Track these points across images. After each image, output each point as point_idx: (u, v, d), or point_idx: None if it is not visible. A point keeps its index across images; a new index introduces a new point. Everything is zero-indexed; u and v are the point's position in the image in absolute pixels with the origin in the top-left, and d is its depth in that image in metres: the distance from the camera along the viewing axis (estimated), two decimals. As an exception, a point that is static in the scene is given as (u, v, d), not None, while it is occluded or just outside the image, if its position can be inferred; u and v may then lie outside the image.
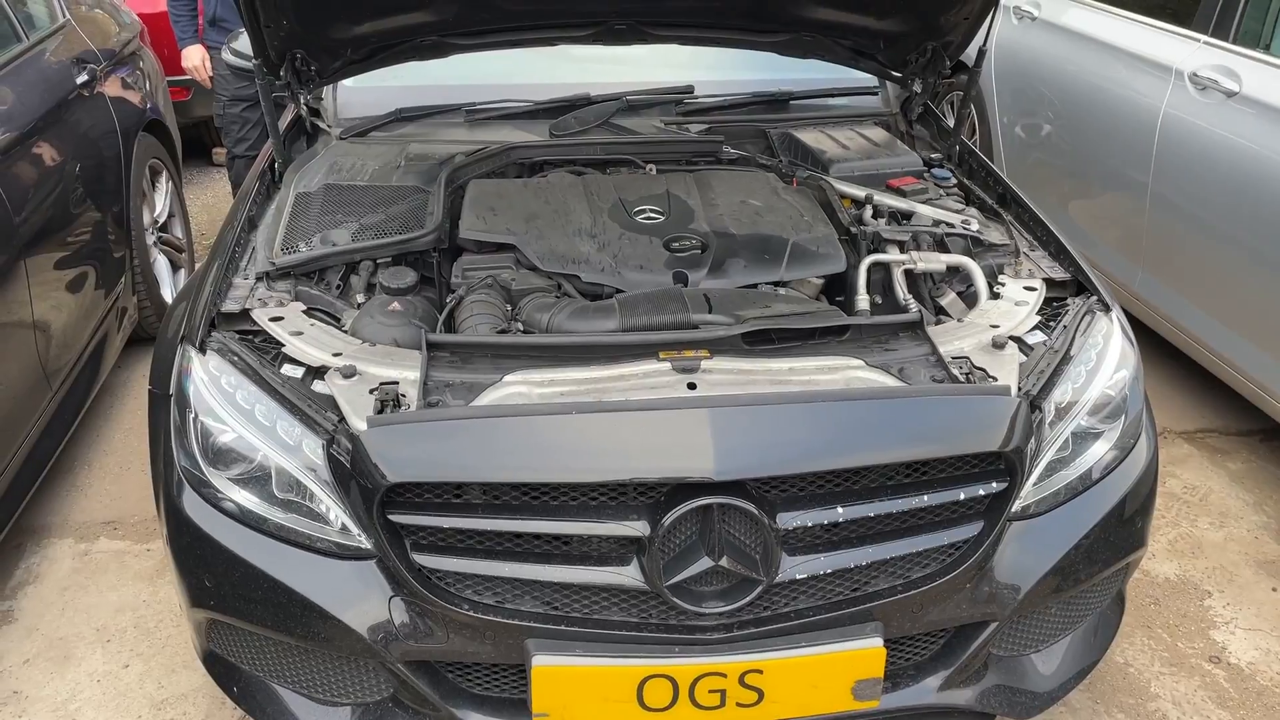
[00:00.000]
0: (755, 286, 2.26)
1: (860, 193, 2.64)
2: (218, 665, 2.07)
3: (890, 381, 1.93)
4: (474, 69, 3.11)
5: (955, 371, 1.97)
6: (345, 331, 2.12)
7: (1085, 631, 2.18)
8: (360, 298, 2.28)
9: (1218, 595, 2.77)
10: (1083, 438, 2.08)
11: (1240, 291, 3.19)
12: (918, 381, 1.95)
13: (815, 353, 2.01)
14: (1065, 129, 4.13)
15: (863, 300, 2.33)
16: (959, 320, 2.19)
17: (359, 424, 1.80)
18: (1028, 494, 1.99)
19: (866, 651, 1.84)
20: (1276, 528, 3.04)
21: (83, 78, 3.52)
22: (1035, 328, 2.18)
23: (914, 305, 2.34)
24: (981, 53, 2.77)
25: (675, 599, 1.78)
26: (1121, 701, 2.44)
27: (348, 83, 3.09)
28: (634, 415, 1.78)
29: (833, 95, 3.13)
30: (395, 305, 2.17)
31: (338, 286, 2.32)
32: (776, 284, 2.28)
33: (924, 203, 2.63)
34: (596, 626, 1.81)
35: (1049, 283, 2.32)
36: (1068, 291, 2.33)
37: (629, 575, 1.79)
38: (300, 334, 2.07)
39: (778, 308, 2.13)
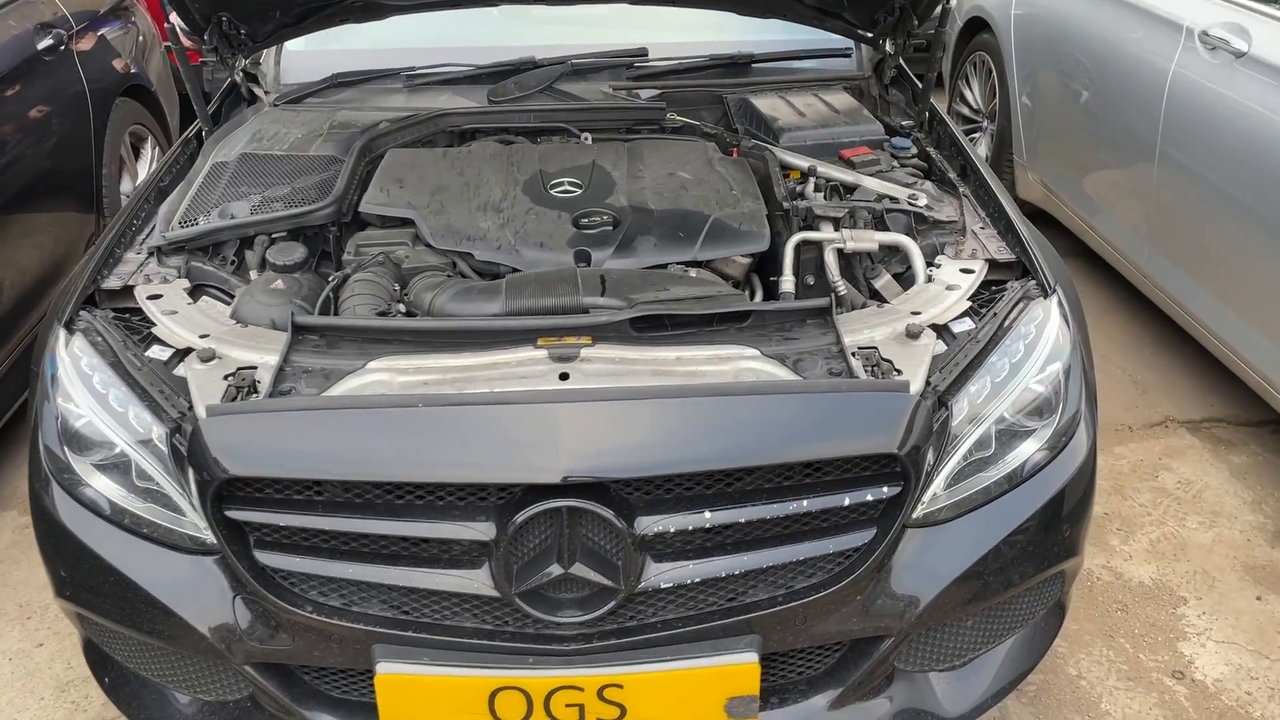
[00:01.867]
0: (665, 267, 2.11)
1: (804, 163, 2.46)
2: (93, 654, 2.00)
3: (783, 374, 1.78)
4: (421, 32, 2.99)
5: (857, 364, 1.80)
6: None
7: (1012, 645, 2.00)
8: (254, 274, 2.18)
9: (1194, 603, 2.56)
10: (1008, 436, 1.89)
11: (1248, 274, 2.93)
12: (812, 374, 1.78)
13: (709, 341, 1.86)
14: (1078, 93, 3.85)
15: (787, 282, 2.16)
16: (879, 306, 2.01)
17: (201, 412, 1.70)
18: (937, 498, 1.82)
19: (740, 667, 1.69)
20: (1273, 529, 2.80)
21: (46, 43, 3.47)
22: (964, 314, 1.99)
23: (842, 287, 2.16)
24: (945, 11, 2.56)
25: (527, 607, 1.65)
26: (1066, 718, 2.26)
27: (291, 47, 3.01)
28: (483, 410, 1.65)
29: (798, 58, 2.93)
30: (278, 283, 2.06)
31: (232, 262, 2.22)
32: (689, 264, 2.12)
33: (873, 175, 2.43)
34: (446, 634, 1.70)
35: (993, 265, 2.13)
36: (1013, 274, 2.13)
37: (480, 581, 1.67)
38: (174, 313, 1.98)
39: (677, 291, 1.97)
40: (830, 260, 2.19)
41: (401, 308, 2.01)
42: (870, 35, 2.79)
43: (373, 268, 2.09)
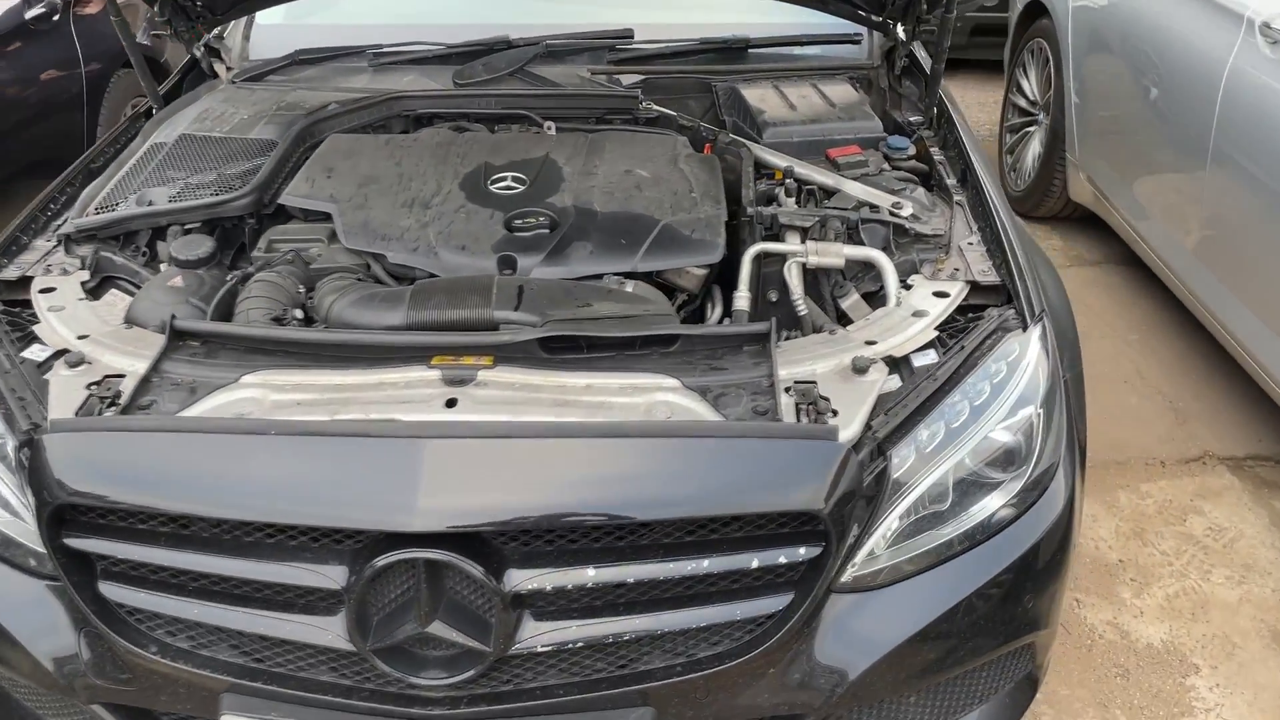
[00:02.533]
0: (600, 277, 1.89)
1: (784, 163, 2.21)
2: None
3: (701, 411, 1.55)
4: (396, 8, 2.82)
5: (788, 402, 1.56)
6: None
7: (971, 726, 1.75)
8: (164, 268, 2.02)
9: (1207, 672, 2.26)
10: (969, 488, 1.64)
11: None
12: (734, 412, 1.55)
13: (627, 367, 1.64)
14: (1128, 85, 3.50)
15: (741, 298, 1.93)
16: (831, 332, 1.77)
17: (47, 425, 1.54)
18: (875, 558, 1.58)
19: (624, 747, 1.49)
20: (1314, 589, 2.49)
21: (35, 11, 3.37)
22: (930, 345, 1.73)
23: (803, 306, 1.93)
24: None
25: (383, 665, 1.46)
26: (1041, 802, 2.01)
27: (263, 20, 2.84)
28: (339, 442, 1.46)
29: (799, 44, 2.66)
30: (176, 280, 1.89)
31: (144, 254, 2.06)
32: (628, 275, 1.90)
33: (858, 178, 2.18)
34: (300, 687, 1.52)
35: (975, 288, 1.86)
36: (998, 299, 1.86)
37: (334, 631, 1.48)
38: (61, 310, 1.83)
39: (602, 308, 1.75)
40: (793, 275, 1.95)
41: (299, 314, 1.82)
42: (879, 20, 2.52)
43: (280, 267, 1.92)
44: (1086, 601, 2.46)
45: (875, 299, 1.95)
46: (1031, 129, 4.57)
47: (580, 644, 1.49)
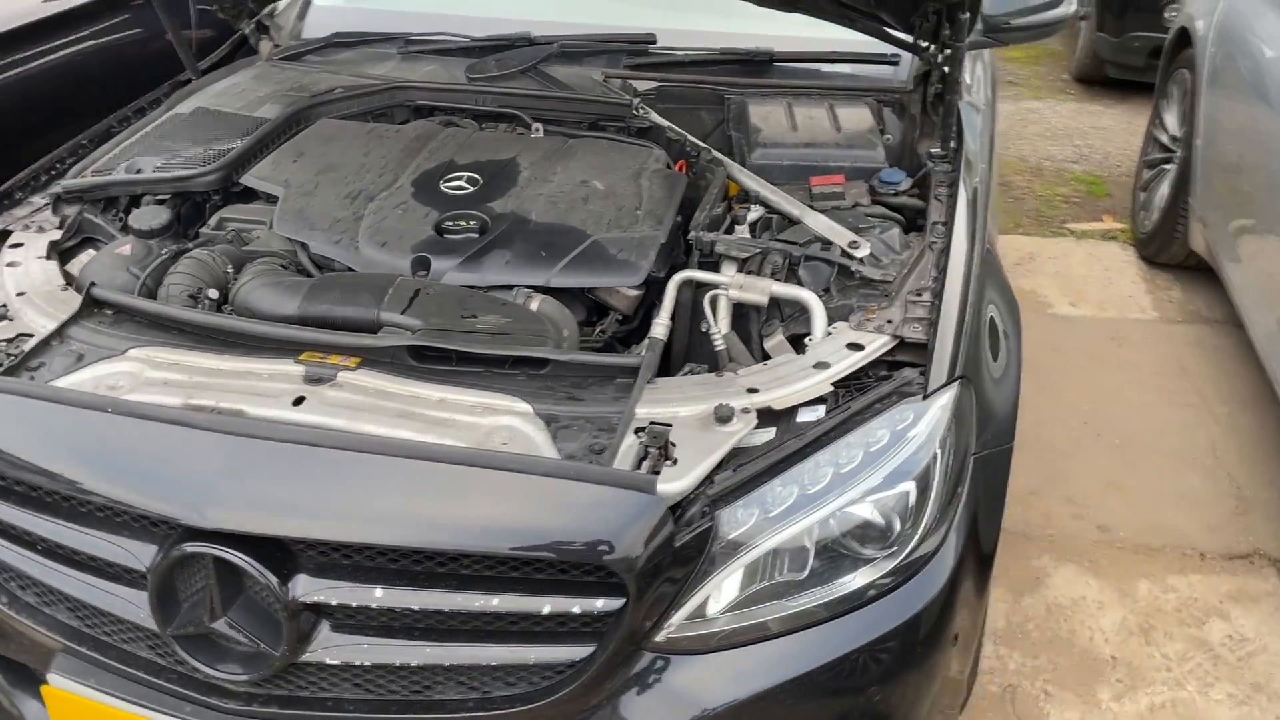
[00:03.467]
0: (510, 289, 1.84)
1: (754, 186, 2.10)
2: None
3: (538, 439, 1.49)
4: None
5: (628, 444, 1.48)
6: None
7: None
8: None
9: (1166, 800, 2.02)
10: (837, 560, 1.52)
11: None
12: (570, 446, 1.49)
13: (487, 385, 1.60)
14: (1244, 128, 3.14)
15: (659, 326, 1.83)
16: (718, 374, 1.66)
17: None
18: (713, 620, 1.48)
19: (405, 773, 1.45)
20: (1335, 726, 2.18)
21: None
22: (822, 400, 1.60)
23: (720, 341, 1.82)
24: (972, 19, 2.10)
25: (183, 651, 1.48)
26: None
27: (321, 1, 2.92)
28: (163, 428, 1.48)
29: (827, 60, 2.51)
30: (125, 249, 1.97)
31: (120, 219, 2.16)
32: (540, 289, 1.84)
33: (829, 210, 2.04)
34: (120, 660, 1.56)
35: (903, 344, 1.70)
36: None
37: (144, 611, 1.51)
38: (17, 266, 1.94)
39: (488, 321, 1.71)
40: (719, 307, 1.85)
41: (214, 294, 1.86)
42: (908, 40, 2.34)
43: (217, 246, 1.97)
44: (1057, 695, 2.24)
45: (797, 343, 1.82)
46: (1167, 167, 4.19)
47: (369, 664, 1.46)
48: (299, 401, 1.55)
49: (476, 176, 2.08)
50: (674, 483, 1.44)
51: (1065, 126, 5.83)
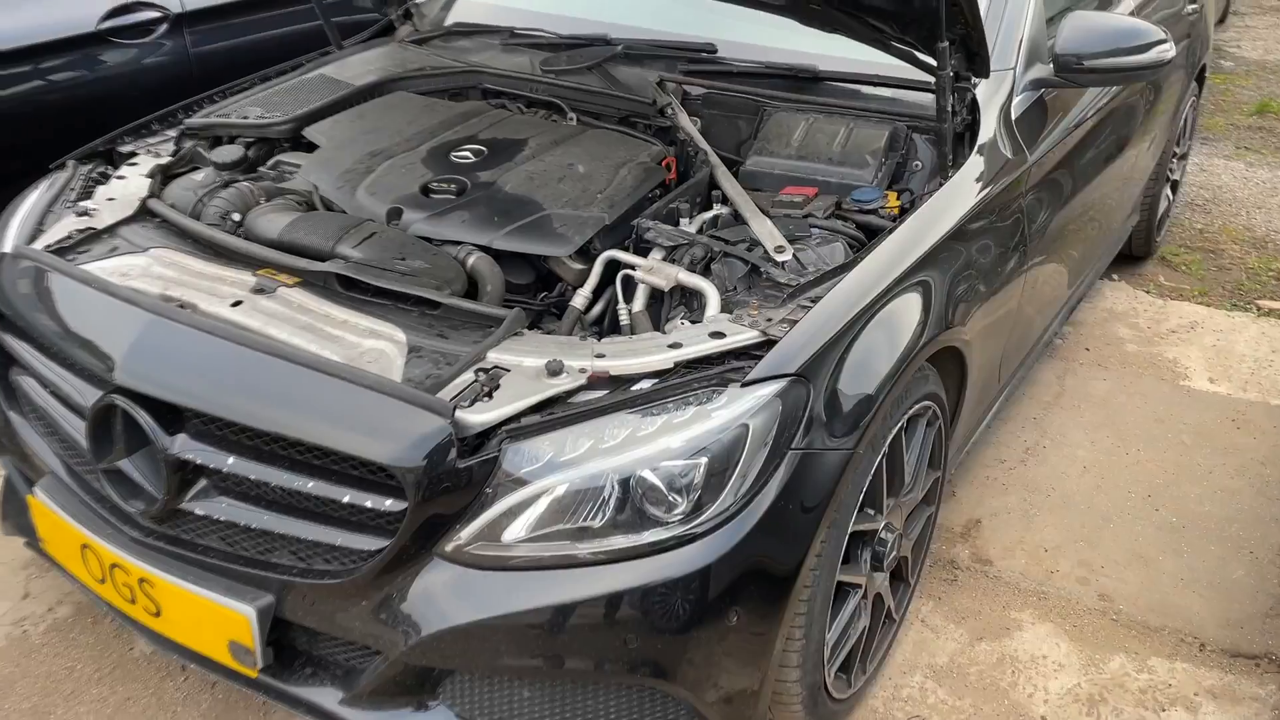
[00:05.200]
0: (458, 244, 2.09)
1: (726, 187, 2.24)
2: None
3: (395, 360, 1.75)
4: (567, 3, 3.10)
5: (464, 377, 1.71)
6: None
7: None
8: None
9: None
10: (632, 516, 1.66)
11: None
12: (416, 370, 1.73)
13: (384, 314, 1.88)
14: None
15: (579, 297, 2.04)
16: (581, 338, 1.84)
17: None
18: (509, 545, 1.66)
19: (233, 614, 1.75)
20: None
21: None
22: (660, 375, 1.74)
23: (625, 316, 1.99)
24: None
25: (105, 481, 1.85)
26: None
27: (465, -5, 3.30)
28: (122, 305, 1.86)
29: (869, 83, 2.56)
30: (197, 175, 2.41)
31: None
32: (481, 247, 2.08)
33: (781, 217, 2.14)
34: (80, 483, 1.96)
35: (769, 342, 1.79)
36: None
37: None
38: (122, 178, 2.42)
39: (412, 264, 1.97)
40: (625, 286, 2.01)
41: (237, 216, 2.24)
42: (934, 66, 2.37)
43: (261, 181, 2.36)
44: (960, 741, 2.20)
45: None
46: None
47: (226, 520, 1.77)
48: (237, 304, 1.89)
49: (483, 149, 2.35)
50: (479, 414, 1.64)
51: (1320, 200, 5.30)
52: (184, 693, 2.23)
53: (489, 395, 1.67)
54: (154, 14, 3.42)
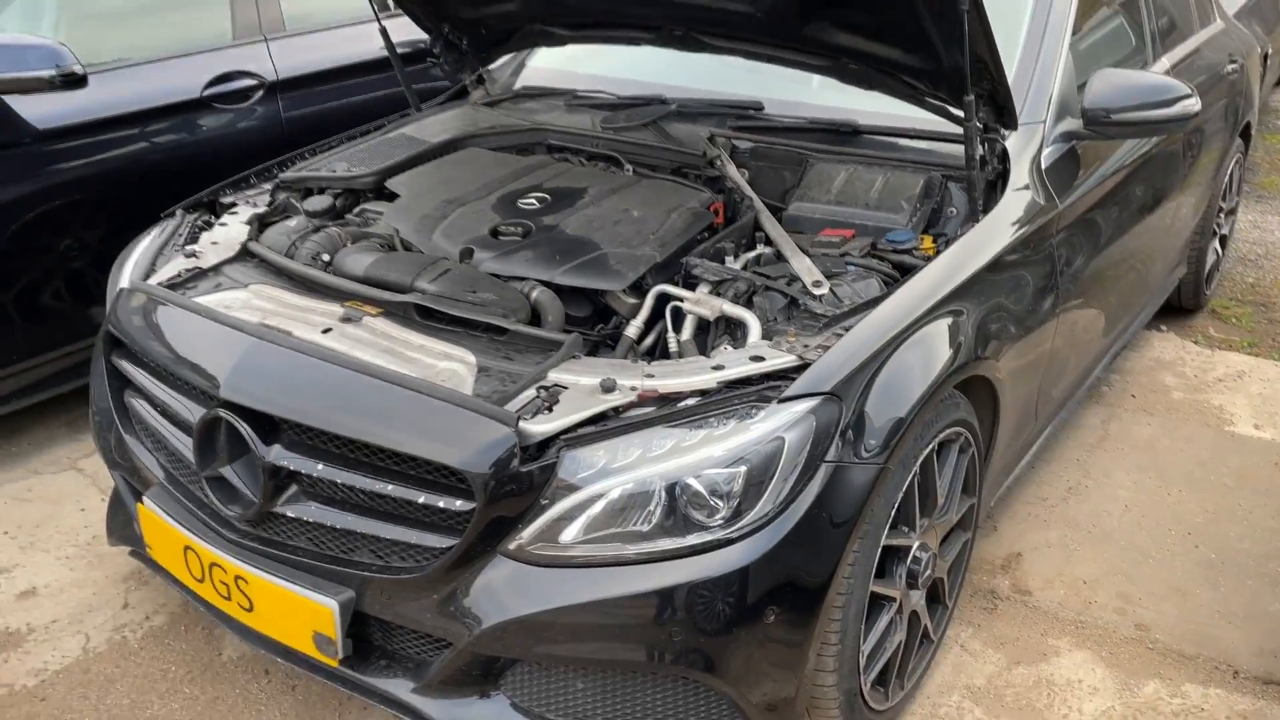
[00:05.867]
0: (523, 279, 2.29)
1: (769, 228, 2.43)
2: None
3: (465, 379, 1.95)
4: (619, 63, 3.35)
5: (527, 394, 1.90)
6: None
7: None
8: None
9: None
10: (677, 520, 1.84)
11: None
12: (483, 386, 1.93)
13: (457, 339, 2.09)
14: None
15: (631, 327, 2.23)
16: (633, 360, 2.03)
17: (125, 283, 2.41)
18: (567, 545, 1.84)
19: (318, 607, 1.95)
20: None
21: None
22: (705, 394, 1.92)
23: (674, 344, 2.17)
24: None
25: (207, 488, 2.07)
26: None
27: (534, 63, 3.56)
28: (229, 331, 2.09)
29: (905, 136, 2.74)
30: (290, 222, 2.66)
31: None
32: (544, 282, 2.28)
33: (820, 256, 2.32)
34: (184, 491, 2.18)
35: (806, 366, 1.96)
36: None
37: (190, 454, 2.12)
38: (224, 225, 2.68)
39: (480, 296, 2.18)
40: (677, 318, 2.20)
41: (327, 257, 2.47)
42: (970, 123, 2.54)
43: (347, 227, 2.60)
44: (995, 753, 2.29)
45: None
46: None
47: (311, 520, 1.97)
48: (327, 330, 2.11)
49: (547, 197, 2.58)
50: (540, 425, 1.83)
51: (1385, 252, 5.32)
52: (267, 694, 2.41)
53: (549, 409, 1.86)
54: (251, 82, 3.74)
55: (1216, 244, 4.57)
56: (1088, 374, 3.28)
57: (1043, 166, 2.68)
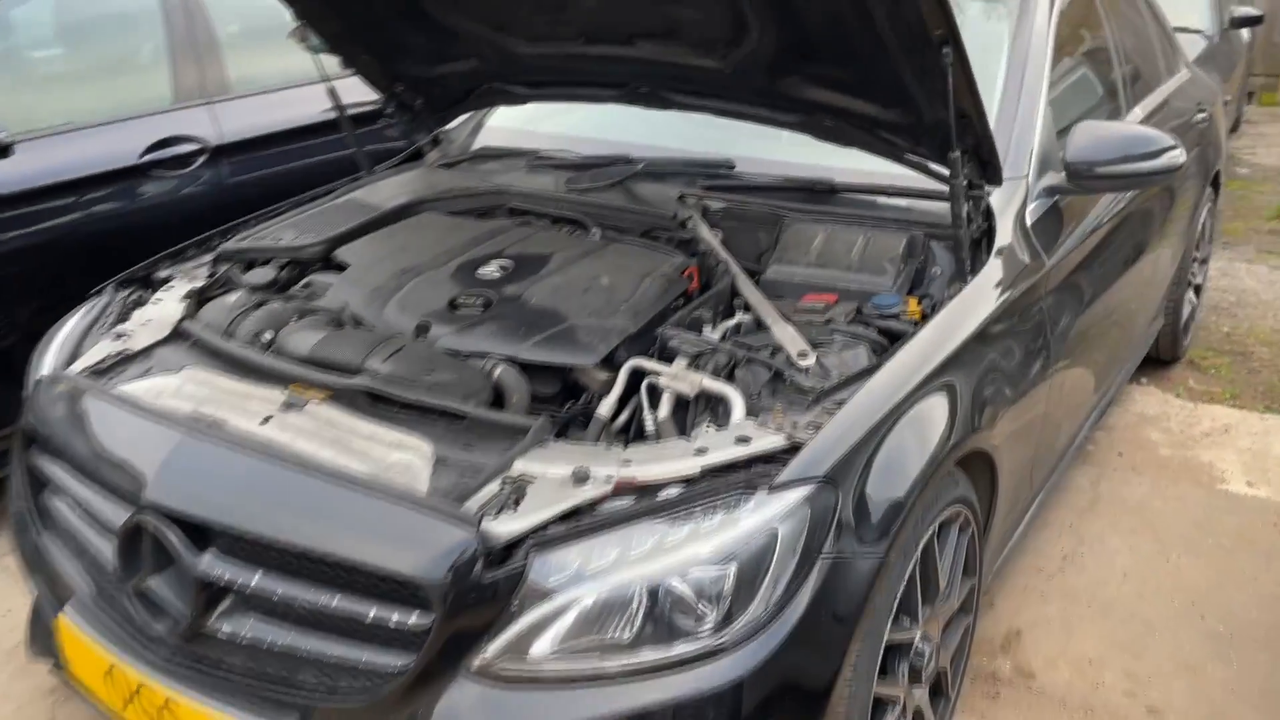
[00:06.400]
0: (483, 356, 2.11)
1: (748, 295, 2.27)
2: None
3: (422, 475, 1.76)
4: (583, 123, 3.20)
5: (490, 488, 1.71)
6: None
7: None
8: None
9: None
10: (659, 627, 1.64)
11: None
12: (442, 482, 1.74)
13: (411, 426, 1.89)
14: None
15: (604, 404, 2.04)
16: (607, 446, 1.84)
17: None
18: (535, 660, 1.63)
19: (260, 738, 1.72)
20: None
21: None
22: (689, 481, 1.73)
23: (651, 424, 1.99)
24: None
25: (134, 600, 1.85)
26: None
27: (493, 123, 3.41)
28: (156, 424, 1.89)
29: (884, 193, 2.60)
30: (229, 298, 2.46)
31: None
32: (509, 359, 2.09)
33: (804, 324, 2.16)
34: (108, 604, 1.96)
35: (796, 447, 1.79)
36: None
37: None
38: (159, 301, 2.48)
39: (436, 377, 1.99)
40: (663, 397, 2.01)
41: (270, 334, 2.27)
42: (947, 175, 2.41)
43: (292, 300, 2.41)
44: None
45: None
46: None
47: (248, 637, 1.76)
48: (267, 420, 1.91)
49: (509, 264, 2.40)
50: (505, 525, 1.64)
51: (1359, 298, 5.27)
52: (205, 822, 2.16)
53: (515, 504, 1.67)
54: (193, 146, 3.56)
55: (1192, 294, 4.50)
56: (1078, 434, 3.14)
57: (1028, 223, 2.55)
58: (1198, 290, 4.65)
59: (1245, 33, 7.78)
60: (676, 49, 2.47)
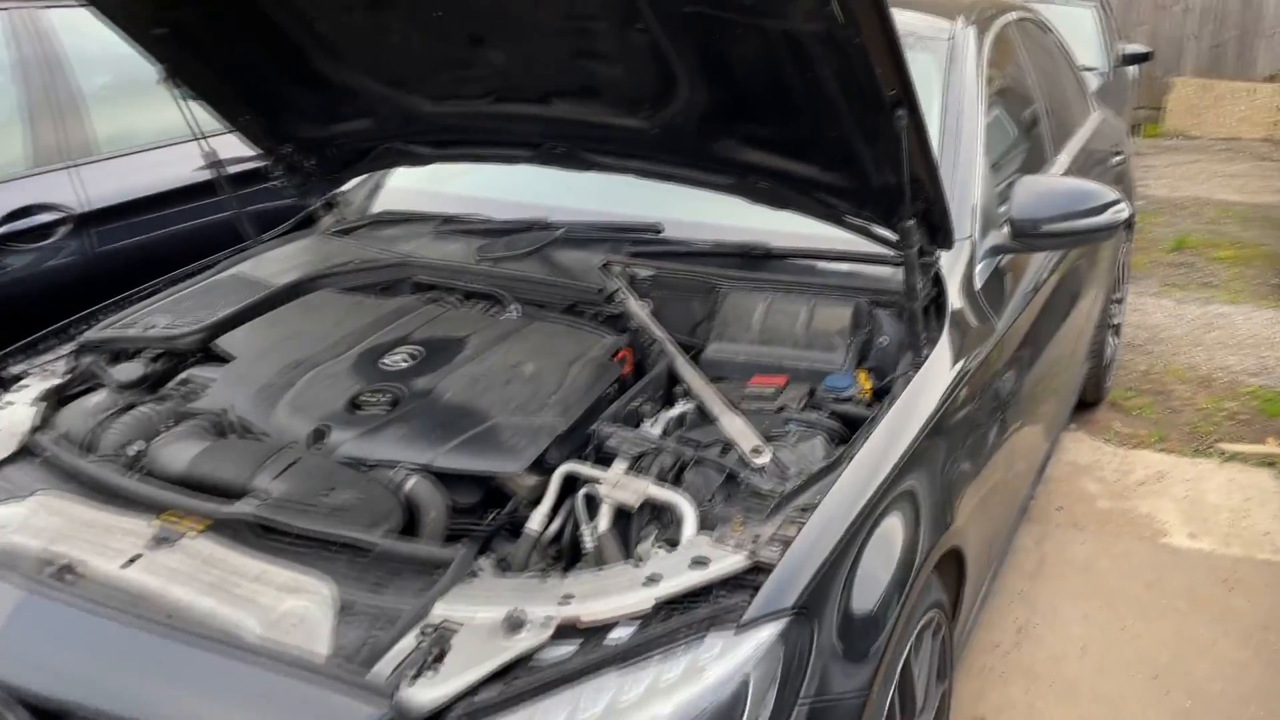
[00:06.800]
0: (392, 465, 1.83)
1: (690, 380, 2.04)
2: None
3: (323, 628, 1.47)
4: (494, 183, 2.95)
5: (411, 642, 1.43)
6: None
7: None
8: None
9: None
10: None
11: None
12: (352, 636, 1.46)
13: (309, 562, 1.60)
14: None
15: (535, 517, 1.78)
16: (543, 579, 1.58)
17: None
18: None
19: None
20: None
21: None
22: (641, 618, 1.48)
23: (589, 540, 1.74)
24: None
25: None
26: None
27: (392, 183, 3.12)
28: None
29: (824, 258, 2.41)
30: (92, 400, 2.14)
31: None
32: (424, 468, 1.83)
33: (754, 411, 1.94)
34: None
35: (759, 567, 1.56)
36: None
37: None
38: (9, 405, 2.13)
39: (336, 498, 1.71)
40: (602, 508, 1.76)
41: (141, 445, 1.96)
42: (896, 241, 2.23)
43: (165, 404, 2.09)
44: None
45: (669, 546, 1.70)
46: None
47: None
48: (133, 560, 1.60)
49: (419, 351, 2.13)
50: (426, 690, 1.36)
51: (1255, 335, 5.31)
52: None
53: (437, 662, 1.40)
54: (55, 215, 3.19)
55: (1112, 335, 4.46)
56: (1028, 495, 3.00)
57: (976, 286, 2.39)
58: (1117, 330, 4.61)
59: (1132, 68, 7.96)
60: (597, 108, 2.25)
